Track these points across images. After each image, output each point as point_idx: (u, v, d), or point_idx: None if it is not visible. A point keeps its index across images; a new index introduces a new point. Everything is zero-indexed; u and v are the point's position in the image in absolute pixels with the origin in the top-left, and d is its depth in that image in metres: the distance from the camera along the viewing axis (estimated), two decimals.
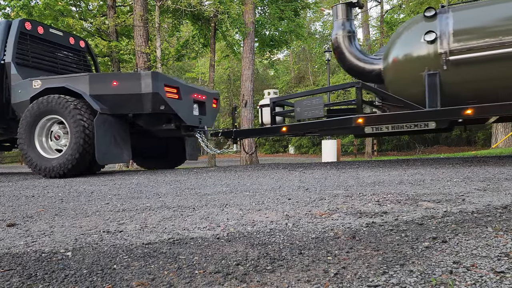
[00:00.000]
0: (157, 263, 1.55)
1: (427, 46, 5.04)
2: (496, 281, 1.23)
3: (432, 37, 4.96)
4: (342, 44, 6.00)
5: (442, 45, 4.94)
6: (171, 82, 6.23)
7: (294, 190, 3.34)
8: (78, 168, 5.89)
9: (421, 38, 5.05)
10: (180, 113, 6.27)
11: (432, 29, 5.02)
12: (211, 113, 7.27)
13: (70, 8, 15.28)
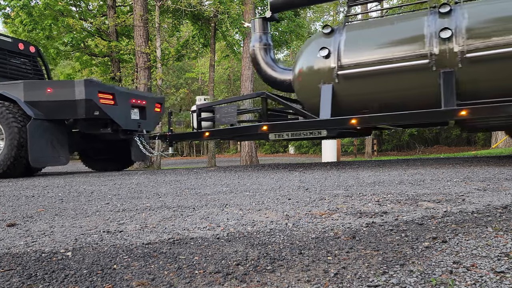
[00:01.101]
0: (157, 263, 1.55)
1: (323, 61, 5.48)
2: (496, 281, 1.23)
3: (325, 52, 5.45)
4: (258, 56, 6.49)
5: (334, 60, 5.40)
6: (105, 89, 6.68)
7: (294, 190, 3.34)
8: (14, 170, 6.30)
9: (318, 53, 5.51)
10: (116, 118, 6.72)
11: (326, 45, 5.51)
12: (153, 117, 7.67)
13: (70, 8, 15.28)
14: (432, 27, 4.92)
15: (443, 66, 4.82)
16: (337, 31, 5.61)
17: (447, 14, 4.88)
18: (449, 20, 4.87)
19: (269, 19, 6.57)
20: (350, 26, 5.69)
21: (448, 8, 4.87)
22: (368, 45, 5.30)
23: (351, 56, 5.33)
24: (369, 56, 5.22)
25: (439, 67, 4.83)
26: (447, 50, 4.79)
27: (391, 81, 5.14)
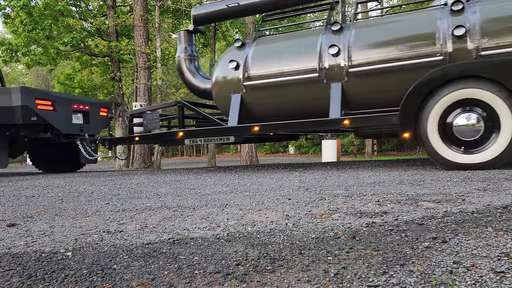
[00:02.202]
0: (157, 263, 1.55)
1: (233, 72, 5.97)
2: (496, 281, 1.23)
3: (234, 65, 5.93)
4: (183, 66, 6.95)
5: (242, 72, 5.89)
6: (44, 95, 7.14)
7: (294, 190, 3.34)
8: None
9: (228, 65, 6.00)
10: (55, 123, 7.12)
11: (236, 58, 6.00)
12: (98, 121, 8.11)
13: (70, 8, 15.27)
14: (324, 44, 5.41)
15: (332, 79, 5.30)
16: (247, 45, 6.14)
17: (338, 32, 5.43)
18: (338, 37, 5.39)
19: (194, 32, 7.03)
20: (259, 40, 6.20)
21: (339, 27, 5.40)
22: (271, 59, 5.80)
23: (256, 69, 5.81)
24: (271, 68, 5.71)
25: (329, 80, 5.32)
26: (335, 65, 5.28)
27: (290, 92, 5.61)
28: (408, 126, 4.55)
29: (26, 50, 14.23)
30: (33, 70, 28.88)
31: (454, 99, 4.34)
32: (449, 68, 4.43)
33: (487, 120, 4.27)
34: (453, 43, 4.70)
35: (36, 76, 37.93)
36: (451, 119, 4.41)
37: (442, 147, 4.41)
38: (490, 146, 4.22)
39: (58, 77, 18.47)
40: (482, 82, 4.24)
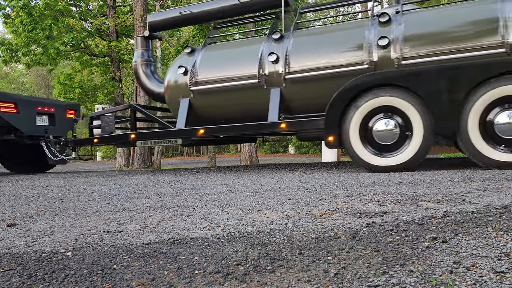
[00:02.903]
0: (157, 263, 1.55)
1: (182, 77, 6.22)
2: (496, 281, 1.23)
3: (182, 70, 6.20)
4: (140, 70, 7.20)
5: (190, 77, 6.16)
6: (6, 98, 7.33)
7: (294, 190, 3.34)
8: None
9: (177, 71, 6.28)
10: (18, 125, 7.30)
11: (185, 64, 6.26)
12: (64, 123, 8.27)
13: (70, 8, 15.27)
14: (265, 51, 5.73)
15: (272, 85, 5.60)
16: (196, 51, 6.43)
17: (278, 40, 5.75)
18: (278, 45, 5.70)
19: (149, 38, 7.29)
20: (208, 47, 6.51)
21: (279, 35, 5.72)
22: (217, 65, 6.11)
23: (203, 74, 6.09)
24: (217, 74, 5.99)
25: (269, 85, 5.62)
26: (275, 72, 5.57)
27: (234, 97, 5.91)
28: (332, 130, 4.79)
29: (26, 50, 14.23)
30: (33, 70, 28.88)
31: (374, 105, 4.62)
32: (367, 77, 4.70)
33: (402, 126, 4.56)
34: (378, 53, 5.01)
35: (36, 76, 37.92)
36: (371, 124, 4.68)
37: (363, 151, 4.67)
38: (404, 150, 4.51)
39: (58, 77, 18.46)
40: (398, 90, 4.53)
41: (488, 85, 4.17)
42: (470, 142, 4.25)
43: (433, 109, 4.37)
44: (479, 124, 4.22)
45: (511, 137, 4.16)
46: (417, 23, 5.02)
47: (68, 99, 16.15)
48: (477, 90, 4.21)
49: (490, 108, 4.21)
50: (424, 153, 4.46)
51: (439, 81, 4.36)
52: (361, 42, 5.15)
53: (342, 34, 5.60)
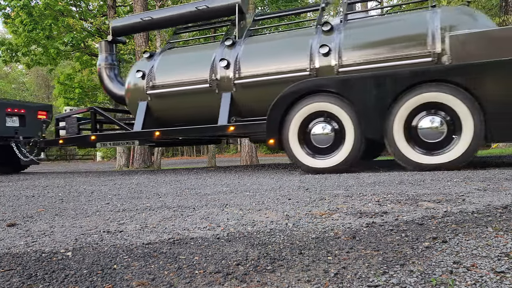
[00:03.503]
0: (157, 263, 1.55)
1: (141, 81, 6.47)
2: (496, 281, 1.23)
3: (140, 74, 6.47)
4: (103, 74, 7.45)
5: (147, 81, 6.40)
6: None
7: (294, 190, 3.34)
8: None
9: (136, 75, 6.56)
10: None
11: (143, 68, 6.51)
12: (35, 124, 8.43)
13: (70, 8, 15.28)
14: (218, 57, 5.97)
15: (224, 89, 5.83)
16: (155, 56, 6.68)
17: (230, 47, 6.00)
18: (230, 51, 5.97)
19: (113, 42, 7.54)
20: (165, 52, 6.75)
21: (231, 42, 5.99)
22: (173, 69, 6.34)
23: (160, 78, 6.34)
24: (172, 78, 6.24)
25: (221, 90, 5.86)
26: (226, 77, 5.82)
27: (189, 101, 6.15)
28: (273, 134, 5.01)
29: (26, 50, 14.24)
30: (33, 70, 28.88)
31: (311, 110, 4.85)
32: (302, 84, 4.93)
33: (337, 130, 4.80)
34: (320, 60, 5.27)
35: (36, 76, 37.91)
36: (309, 128, 4.91)
37: (302, 154, 4.88)
38: (338, 152, 4.75)
39: (58, 77, 18.47)
40: (332, 96, 4.77)
41: (412, 92, 4.40)
42: (395, 145, 4.48)
43: (362, 114, 4.60)
44: (404, 128, 4.46)
45: (433, 141, 4.39)
46: (356, 33, 5.30)
47: (68, 99, 16.16)
48: (402, 96, 4.44)
49: (414, 114, 4.46)
50: (355, 155, 4.68)
51: (367, 88, 4.59)
52: (305, 50, 5.39)
53: (289, 41, 5.85)
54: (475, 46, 4.54)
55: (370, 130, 4.61)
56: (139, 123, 6.32)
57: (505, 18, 12.09)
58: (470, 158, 4.33)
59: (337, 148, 4.75)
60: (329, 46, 5.17)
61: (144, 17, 7.09)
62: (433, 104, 4.37)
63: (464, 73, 4.29)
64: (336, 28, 5.38)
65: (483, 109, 4.17)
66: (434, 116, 4.40)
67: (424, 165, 4.38)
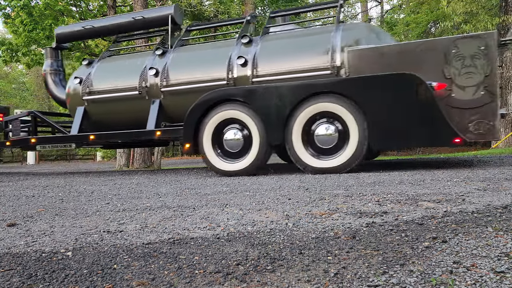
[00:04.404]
0: (157, 263, 1.55)
1: (78, 87, 6.80)
2: (496, 281, 1.23)
3: (77, 80, 6.80)
4: (48, 79, 7.72)
5: (84, 87, 6.69)
6: None
7: (294, 190, 3.34)
8: None
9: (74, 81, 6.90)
10: None
11: (81, 74, 6.86)
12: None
13: (70, 8, 15.27)
14: (148, 65, 6.30)
15: (153, 96, 6.19)
16: (93, 63, 7.03)
17: (161, 56, 6.37)
18: (160, 60, 6.30)
19: (58, 48, 7.83)
20: (104, 59, 7.10)
21: (161, 51, 6.37)
22: (107, 76, 6.67)
23: (97, 84, 6.68)
24: (107, 85, 6.57)
25: (150, 97, 6.21)
26: (155, 84, 6.16)
27: (122, 106, 6.49)
28: (189, 139, 5.35)
29: (26, 50, 14.23)
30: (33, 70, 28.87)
31: (224, 117, 5.20)
32: (214, 93, 5.29)
33: (246, 136, 5.16)
34: (238, 71, 5.64)
35: (36, 76, 37.90)
36: (223, 133, 5.27)
37: (215, 158, 5.23)
38: (246, 157, 5.09)
39: None
40: (241, 105, 5.11)
41: (307, 102, 4.79)
42: (294, 150, 4.84)
43: (266, 122, 4.96)
44: (301, 135, 4.83)
45: (327, 147, 4.80)
46: (270, 45, 5.73)
47: None
48: (299, 106, 4.82)
49: (311, 122, 4.84)
50: (261, 159, 5.03)
51: (269, 98, 4.95)
52: (225, 60, 5.76)
53: (212, 52, 6.27)
54: (369, 61, 4.99)
55: (273, 137, 4.97)
56: (76, 127, 6.66)
57: (505, 18, 12.11)
58: (356, 162, 4.65)
59: (246, 153, 5.09)
60: (246, 57, 5.57)
61: (86, 25, 7.51)
62: (327, 114, 4.79)
63: (349, 86, 4.73)
64: (254, 40, 5.84)
65: (366, 120, 4.56)
66: (328, 124, 4.82)
67: (317, 168, 4.78)
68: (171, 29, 6.67)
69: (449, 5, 12.12)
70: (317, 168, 4.77)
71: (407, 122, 4.50)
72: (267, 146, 4.98)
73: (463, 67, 4.57)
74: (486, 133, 4.45)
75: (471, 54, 4.55)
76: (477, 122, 4.48)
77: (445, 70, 4.61)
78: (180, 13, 6.98)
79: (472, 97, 4.51)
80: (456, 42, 4.63)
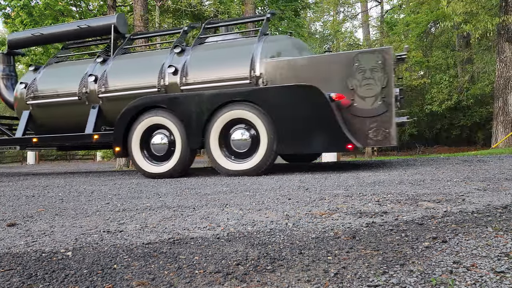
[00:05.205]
0: (157, 263, 1.55)
1: (24, 91, 7.03)
2: (496, 281, 1.23)
3: (23, 86, 6.99)
4: (0, 83, 7.93)
5: (29, 92, 6.95)
6: None
7: (294, 190, 3.34)
8: None
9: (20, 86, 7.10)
10: None
11: (26, 80, 7.09)
12: None
13: (70, 8, 15.28)
14: (89, 72, 6.58)
15: (93, 102, 6.45)
16: (40, 68, 7.26)
17: (102, 63, 6.64)
18: (100, 67, 6.59)
19: (9, 54, 8.07)
20: (50, 65, 7.37)
21: (102, 59, 6.66)
22: (51, 81, 6.90)
23: (41, 89, 6.91)
24: (50, 90, 6.82)
25: (90, 102, 6.47)
26: (93, 90, 6.42)
27: (64, 111, 6.73)
28: (119, 142, 5.61)
29: (26, 50, 14.24)
30: None
31: (151, 123, 5.46)
32: (141, 100, 5.55)
33: (170, 140, 5.43)
34: (170, 78, 5.94)
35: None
36: (151, 138, 5.53)
37: (142, 161, 5.49)
38: (170, 160, 5.36)
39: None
40: (165, 111, 5.39)
41: (223, 110, 5.10)
42: (211, 153, 5.14)
43: (187, 127, 5.26)
44: (219, 139, 5.13)
45: (242, 150, 5.09)
46: (199, 55, 6.07)
47: None
48: (216, 113, 5.13)
49: (228, 127, 5.14)
50: (183, 162, 5.30)
51: (190, 105, 5.27)
52: (158, 69, 6.06)
53: (148, 60, 6.63)
54: (283, 72, 5.41)
55: (193, 141, 5.26)
56: (21, 130, 6.88)
57: (505, 18, 12.11)
58: (267, 164, 4.93)
59: (170, 156, 5.39)
60: (176, 66, 5.90)
61: (35, 32, 7.75)
62: (242, 120, 5.10)
63: (258, 95, 5.05)
64: (186, 50, 6.17)
65: (274, 126, 4.89)
66: (243, 130, 5.13)
67: (232, 171, 5.06)
68: (114, 38, 7.04)
69: (449, 5, 12.12)
70: (231, 171, 5.07)
71: (307, 129, 4.86)
72: (188, 151, 5.29)
73: (363, 79, 4.99)
74: (383, 140, 4.88)
75: (370, 67, 4.97)
76: (375, 130, 4.92)
77: (349, 82, 5.04)
78: (123, 22, 7.34)
79: (371, 107, 4.94)
80: (357, 56, 5.06)
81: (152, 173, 5.44)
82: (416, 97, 23.13)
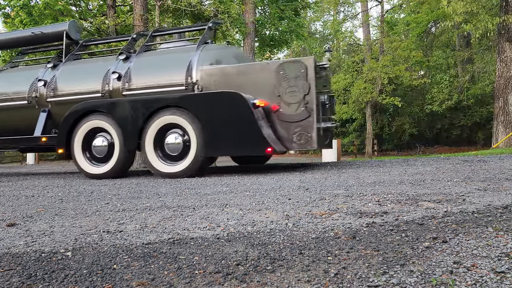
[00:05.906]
0: (157, 263, 1.55)
1: None
2: (496, 281, 1.23)
3: None
4: None
5: None
6: None
7: (294, 190, 3.34)
8: None
9: None
10: None
11: None
12: None
13: (70, 8, 15.27)
14: (39, 77, 6.75)
15: (42, 105, 6.64)
16: None
17: (52, 68, 6.82)
18: (50, 72, 6.76)
19: None
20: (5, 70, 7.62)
21: (52, 64, 6.84)
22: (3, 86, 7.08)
23: None
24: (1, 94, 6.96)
25: (40, 106, 6.65)
26: (43, 94, 6.62)
27: (15, 114, 6.88)
28: (62, 144, 5.83)
29: None
30: None
31: (92, 126, 5.70)
32: (81, 105, 5.78)
33: (110, 143, 5.66)
34: (114, 84, 6.16)
35: None
36: (92, 140, 5.74)
37: (84, 162, 5.71)
38: (110, 161, 5.59)
39: None
40: (105, 115, 5.62)
41: (157, 115, 5.33)
42: (146, 156, 5.36)
43: (124, 130, 5.50)
44: (154, 143, 5.34)
45: (175, 154, 5.30)
46: (141, 62, 6.29)
47: None
48: (151, 117, 5.35)
49: (162, 131, 5.34)
50: (122, 164, 5.55)
51: (126, 110, 5.51)
52: (104, 74, 6.29)
53: (95, 66, 6.80)
54: (216, 79, 5.67)
55: (130, 144, 5.50)
56: None
57: (506, 18, 12.11)
58: (196, 167, 5.16)
59: (110, 158, 5.60)
60: (119, 72, 6.12)
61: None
62: (175, 125, 5.31)
63: (188, 101, 5.31)
64: (131, 57, 6.39)
65: (202, 130, 5.12)
66: (177, 134, 5.33)
67: (165, 173, 5.28)
68: (66, 44, 7.23)
69: (449, 5, 12.11)
70: (165, 173, 5.28)
71: (231, 133, 5.11)
72: (125, 153, 5.52)
73: (288, 87, 5.28)
74: (305, 143, 5.17)
75: (294, 76, 5.26)
76: (299, 134, 5.21)
77: (275, 89, 5.31)
78: (76, 29, 7.56)
79: (295, 112, 5.23)
80: (283, 65, 5.36)
81: (93, 174, 5.67)
82: (416, 97, 23.16)
